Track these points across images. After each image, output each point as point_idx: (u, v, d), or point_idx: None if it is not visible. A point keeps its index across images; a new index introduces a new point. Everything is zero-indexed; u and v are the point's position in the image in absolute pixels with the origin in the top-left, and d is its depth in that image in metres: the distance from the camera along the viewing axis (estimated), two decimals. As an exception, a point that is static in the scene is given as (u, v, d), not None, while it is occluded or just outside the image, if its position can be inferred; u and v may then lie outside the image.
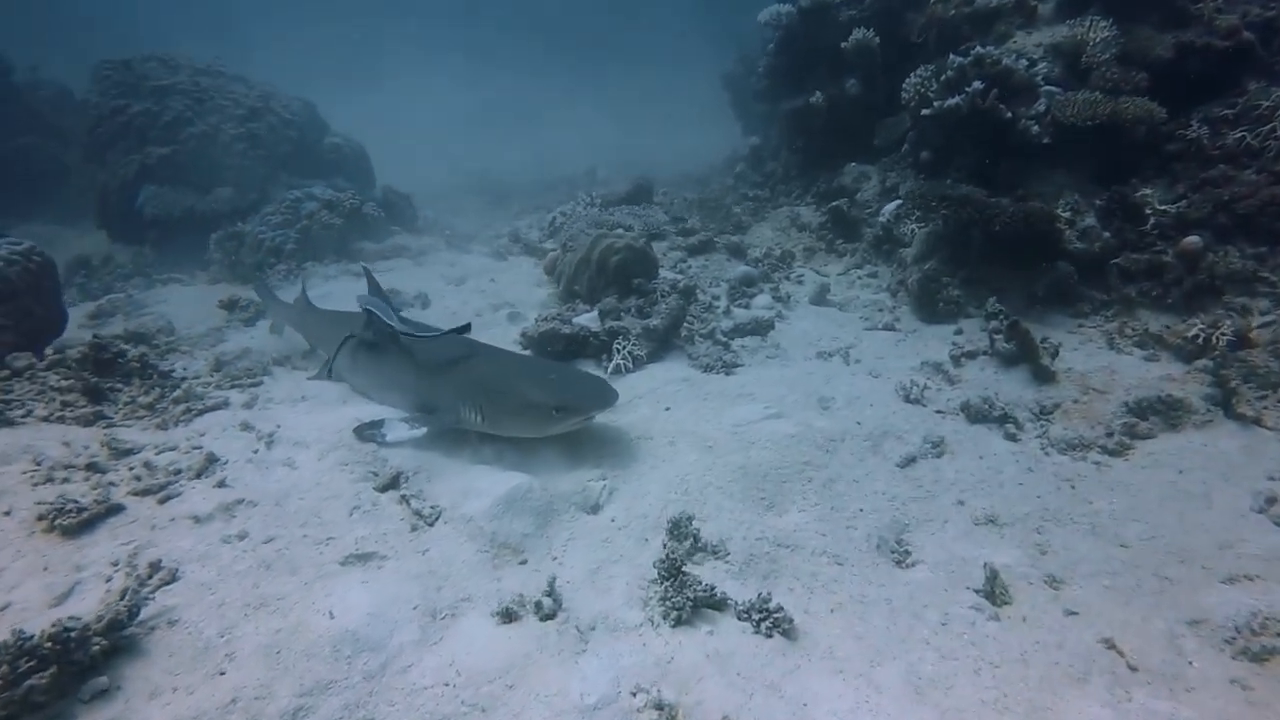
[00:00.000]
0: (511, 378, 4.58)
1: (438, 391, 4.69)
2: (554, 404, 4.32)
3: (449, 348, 4.91)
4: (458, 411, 4.53)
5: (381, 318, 4.96)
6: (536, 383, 4.48)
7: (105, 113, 10.46)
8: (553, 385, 4.48)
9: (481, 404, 4.46)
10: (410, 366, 4.93)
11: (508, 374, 4.63)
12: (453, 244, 10.14)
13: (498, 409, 4.46)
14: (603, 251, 6.67)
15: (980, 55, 7.01)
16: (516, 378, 4.57)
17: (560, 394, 4.40)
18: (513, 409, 4.43)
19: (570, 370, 5.14)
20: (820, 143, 9.79)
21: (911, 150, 8.28)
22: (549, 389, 4.42)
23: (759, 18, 9.82)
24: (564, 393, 4.43)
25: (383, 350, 5.07)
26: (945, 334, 6.27)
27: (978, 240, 6.50)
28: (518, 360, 4.92)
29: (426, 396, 4.75)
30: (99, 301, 8.34)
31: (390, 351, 5.04)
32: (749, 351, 6.01)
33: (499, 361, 4.84)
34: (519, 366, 4.78)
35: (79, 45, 17.58)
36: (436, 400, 4.67)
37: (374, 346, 5.14)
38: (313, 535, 3.63)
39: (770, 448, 4.45)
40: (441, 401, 4.64)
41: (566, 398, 4.39)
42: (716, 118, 17.23)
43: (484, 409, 4.46)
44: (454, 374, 4.70)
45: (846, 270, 7.90)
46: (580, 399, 4.45)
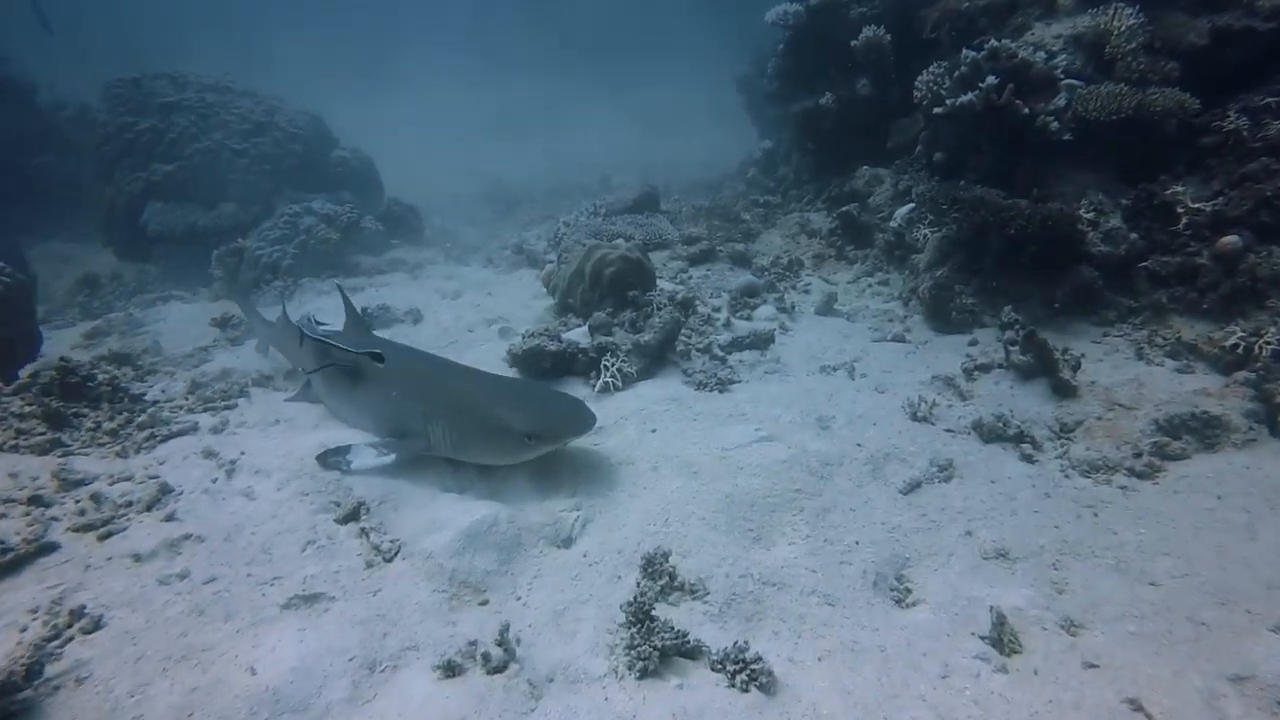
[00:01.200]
0: (482, 400, 4.29)
1: (407, 415, 4.44)
2: (526, 431, 4.03)
3: (419, 368, 4.67)
4: (427, 436, 4.27)
5: (308, 334, 4.87)
6: (508, 406, 4.19)
7: (113, 130, 10.48)
8: (526, 409, 4.19)
9: (451, 428, 4.20)
10: (380, 389, 4.68)
11: (478, 396, 4.34)
12: (452, 256, 9.94)
13: (467, 434, 4.20)
14: (596, 263, 6.39)
15: (995, 48, 6.61)
16: (487, 401, 4.28)
17: (533, 419, 4.10)
18: (482, 434, 4.17)
19: (546, 391, 4.84)
20: (831, 145, 9.42)
21: (925, 151, 7.88)
22: (521, 413, 4.13)
23: (766, 17, 9.51)
24: (537, 418, 4.13)
25: (354, 372, 4.84)
26: (959, 345, 5.87)
27: (994, 245, 6.09)
28: (491, 381, 4.63)
29: (396, 420, 4.50)
30: (97, 321, 8.27)
31: (361, 373, 4.81)
32: (747, 367, 5.67)
33: (471, 382, 4.56)
34: (491, 388, 4.49)
35: (86, 51, 17.74)
36: (406, 424, 4.42)
37: (347, 368, 4.91)
38: (258, 574, 3.38)
39: (759, 474, 4.11)
40: (411, 425, 4.39)
41: (539, 424, 4.09)
42: (735, 122, 16.90)
43: (453, 434, 4.20)
44: (423, 396, 4.44)
45: (856, 278, 7.52)
46: (554, 425, 4.15)
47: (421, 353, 5.13)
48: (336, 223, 9.08)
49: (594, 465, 4.37)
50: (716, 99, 20.10)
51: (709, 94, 21.05)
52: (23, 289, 5.37)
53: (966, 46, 6.92)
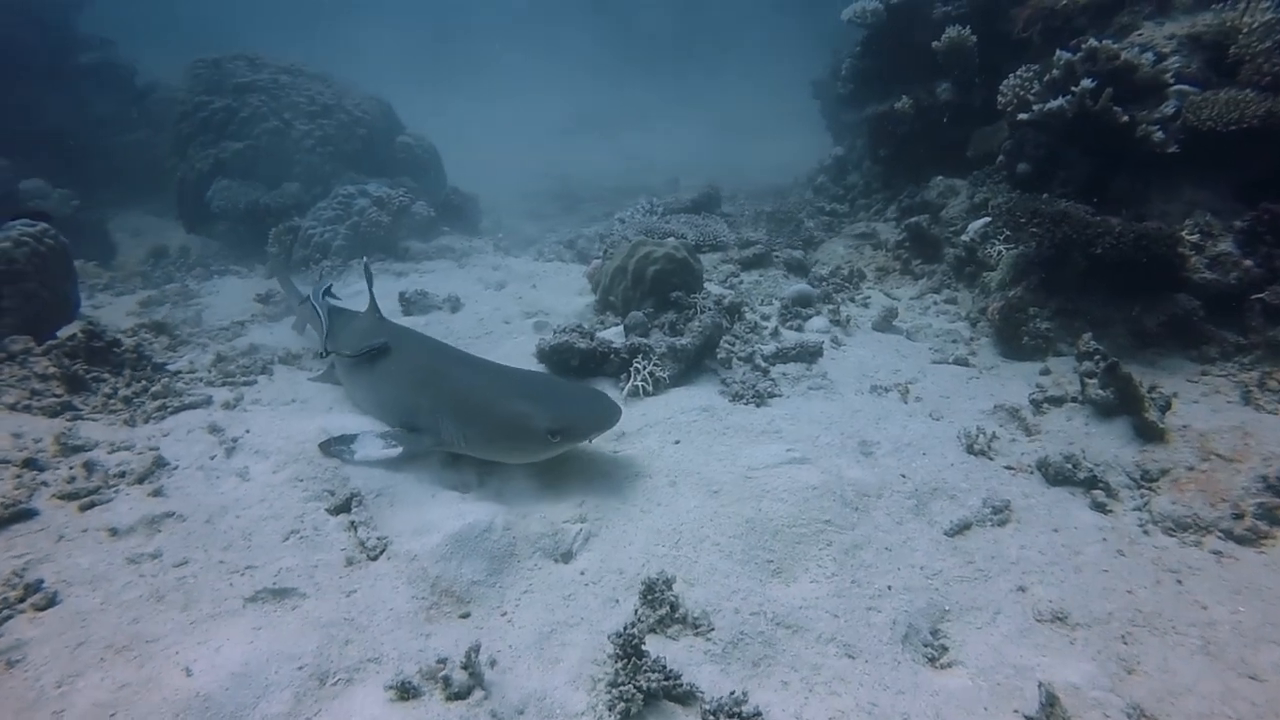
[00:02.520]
0: (498, 395, 3.99)
1: (419, 407, 4.19)
2: (549, 427, 3.71)
3: (431, 360, 4.43)
4: (438, 432, 4.00)
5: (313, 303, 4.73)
6: (528, 400, 3.87)
7: (189, 108, 10.77)
8: (546, 403, 3.86)
9: (465, 424, 3.92)
10: (393, 377, 4.46)
11: (494, 391, 4.05)
12: (501, 247, 9.79)
13: (483, 430, 3.90)
14: (639, 260, 6.06)
15: (1094, 49, 5.98)
16: (504, 395, 3.98)
17: (556, 415, 3.76)
18: (500, 431, 3.86)
19: (568, 386, 4.52)
20: (905, 153, 8.85)
21: (1007, 162, 7.25)
22: (542, 408, 3.80)
23: (843, 15, 9.00)
24: (560, 413, 3.79)
25: (370, 359, 4.62)
26: (1028, 374, 5.29)
27: (1077, 265, 5.48)
28: (508, 375, 4.33)
29: (406, 413, 4.25)
30: (154, 291, 8.43)
31: (377, 361, 4.59)
32: (790, 380, 5.23)
33: (486, 376, 4.27)
34: (508, 382, 4.19)
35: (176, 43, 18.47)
36: (415, 418, 4.17)
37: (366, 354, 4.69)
38: (231, 562, 3.17)
39: (786, 499, 3.69)
40: (422, 419, 4.14)
41: (563, 419, 3.76)
42: (814, 127, 16.35)
43: (467, 429, 3.91)
44: (436, 388, 4.18)
45: (921, 294, 6.96)
46: (578, 420, 3.83)
47: (437, 343, 4.89)
48: (388, 206, 9.04)
49: (607, 474, 4.03)
50: (795, 103, 19.54)
51: (789, 97, 20.45)
52: (62, 253, 5.40)
53: (1061, 48, 6.30)
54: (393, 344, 4.60)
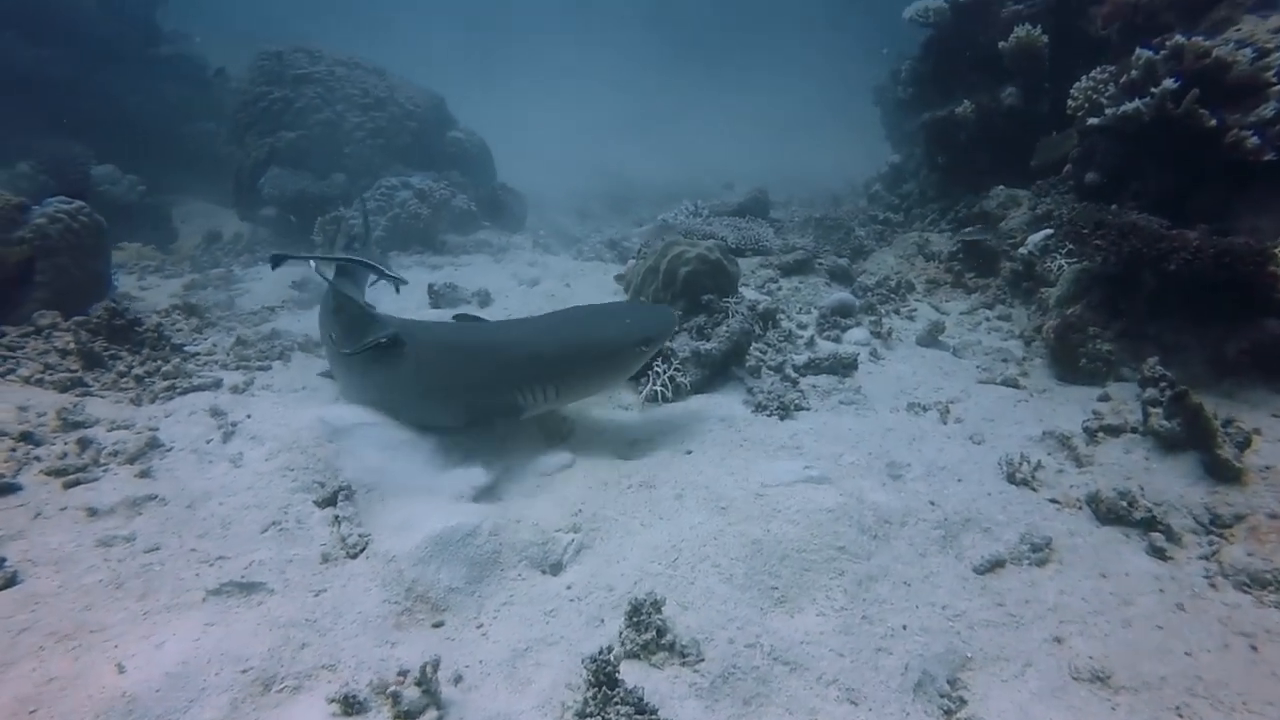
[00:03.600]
0: (572, 335, 4.09)
1: (480, 395, 4.04)
2: (638, 339, 4.00)
3: (476, 339, 4.33)
4: (514, 400, 3.98)
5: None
6: (601, 328, 4.10)
7: (250, 98, 11.02)
8: (620, 323, 4.09)
9: (554, 379, 3.97)
10: (438, 375, 4.20)
11: (563, 335, 4.10)
12: (540, 244, 9.66)
13: (576, 374, 4.03)
14: (671, 261, 5.80)
15: (1179, 46, 5.47)
16: (577, 333, 4.11)
17: (636, 328, 4.04)
18: (595, 365, 4.05)
19: (606, 308, 4.59)
20: (965, 160, 8.38)
21: (1074, 172, 6.74)
22: (622, 328, 4.04)
23: (904, 14, 8.58)
24: (637, 325, 4.07)
25: (390, 361, 4.22)
26: (1084, 399, 4.83)
27: (1146, 282, 4.99)
28: (554, 321, 4.34)
29: (470, 405, 4.06)
30: (199, 274, 8.57)
31: (399, 362, 4.21)
32: (820, 393, 4.89)
33: (540, 330, 4.26)
34: (564, 324, 4.25)
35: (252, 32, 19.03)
36: (490, 399, 4.03)
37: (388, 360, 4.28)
38: (204, 551, 3.04)
39: (799, 522, 3.38)
40: (488, 403, 4.02)
41: (645, 329, 4.05)
42: (878, 135, 15.82)
43: (560, 382, 3.98)
44: (506, 363, 4.06)
45: (973, 309, 6.50)
46: (654, 325, 4.13)
47: (455, 326, 4.71)
48: (429, 199, 9.01)
49: (609, 482, 3.79)
50: (860, 107, 19.03)
51: (854, 101, 19.88)
52: (96, 231, 5.46)
53: (1141, 44, 5.80)
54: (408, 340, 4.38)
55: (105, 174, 11.22)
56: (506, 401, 4.00)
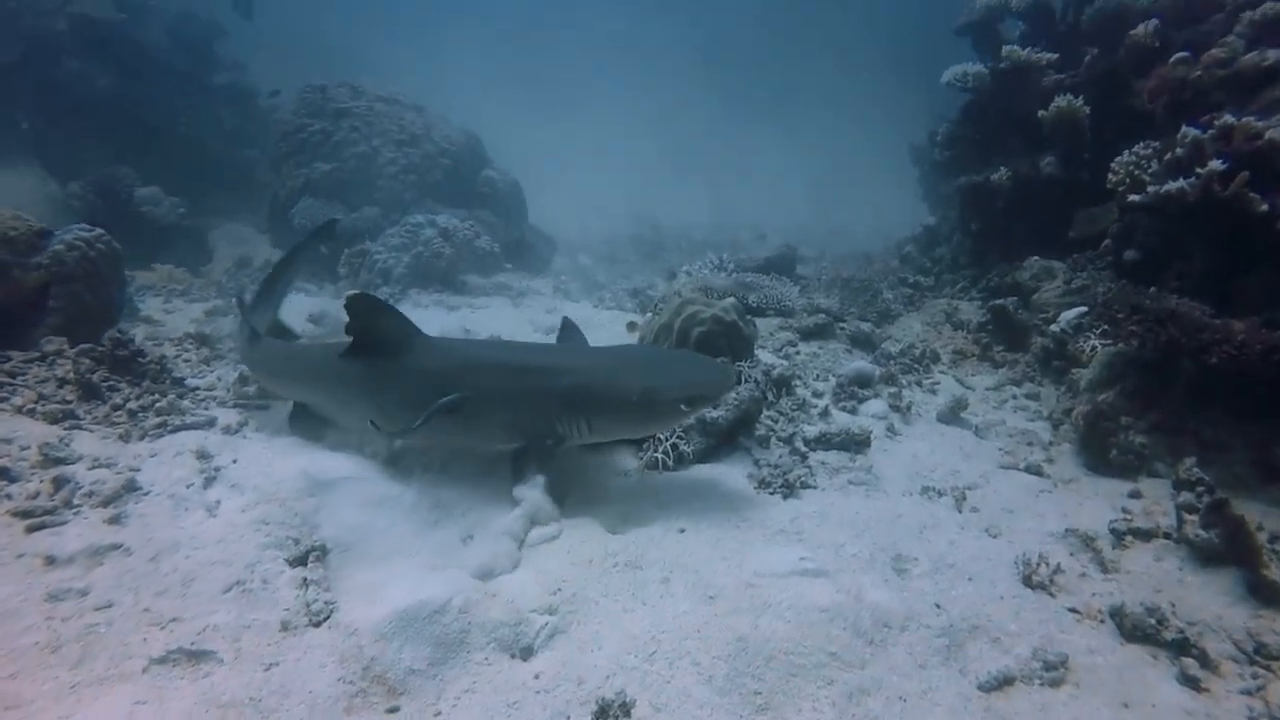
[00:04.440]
0: (617, 374, 3.98)
1: (520, 416, 3.99)
2: (681, 397, 3.86)
3: (502, 361, 4.24)
4: (554, 431, 3.94)
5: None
6: (649, 374, 3.96)
7: (291, 129, 11.28)
8: (670, 375, 3.98)
9: (590, 413, 3.92)
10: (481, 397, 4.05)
11: (609, 372, 4.03)
12: (560, 290, 9.60)
13: (613, 414, 3.95)
14: (685, 320, 5.65)
15: (1229, 126, 5.24)
16: (623, 373, 3.99)
17: (684, 385, 3.90)
18: (633, 411, 3.90)
19: (665, 354, 4.68)
20: (1000, 228, 8.15)
21: (1114, 247, 6.49)
22: (669, 380, 3.91)
23: (943, 78, 8.47)
24: (687, 381, 3.94)
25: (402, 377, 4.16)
26: (1114, 494, 4.52)
27: (1187, 372, 4.69)
28: (607, 355, 4.36)
29: (508, 426, 4.03)
30: (222, 300, 8.65)
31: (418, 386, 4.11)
32: (829, 471, 4.65)
33: (590, 360, 4.23)
34: (616, 361, 4.23)
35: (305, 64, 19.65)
36: (521, 428, 4.00)
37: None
38: (158, 611, 2.91)
39: (789, 619, 3.14)
40: (527, 427, 3.98)
41: (692, 388, 3.90)
42: (916, 194, 15.61)
43: (594, 418, 3.93)
44: (539, 391, 3.97)
45: (999, 385, 6.22)
46: (707, 385, 3.98)
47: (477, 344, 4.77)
48: (453, 239, 9.04)
49: (595, 559, 3.58)
50: (901, 163, 18.97)
51: (896, 156, 19.85)
52: (113, 259, 5.51)
53: (1188, 123, 5.57)
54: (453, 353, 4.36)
55: (148, 195, 11.50)
56: (547, 427, 3.93)
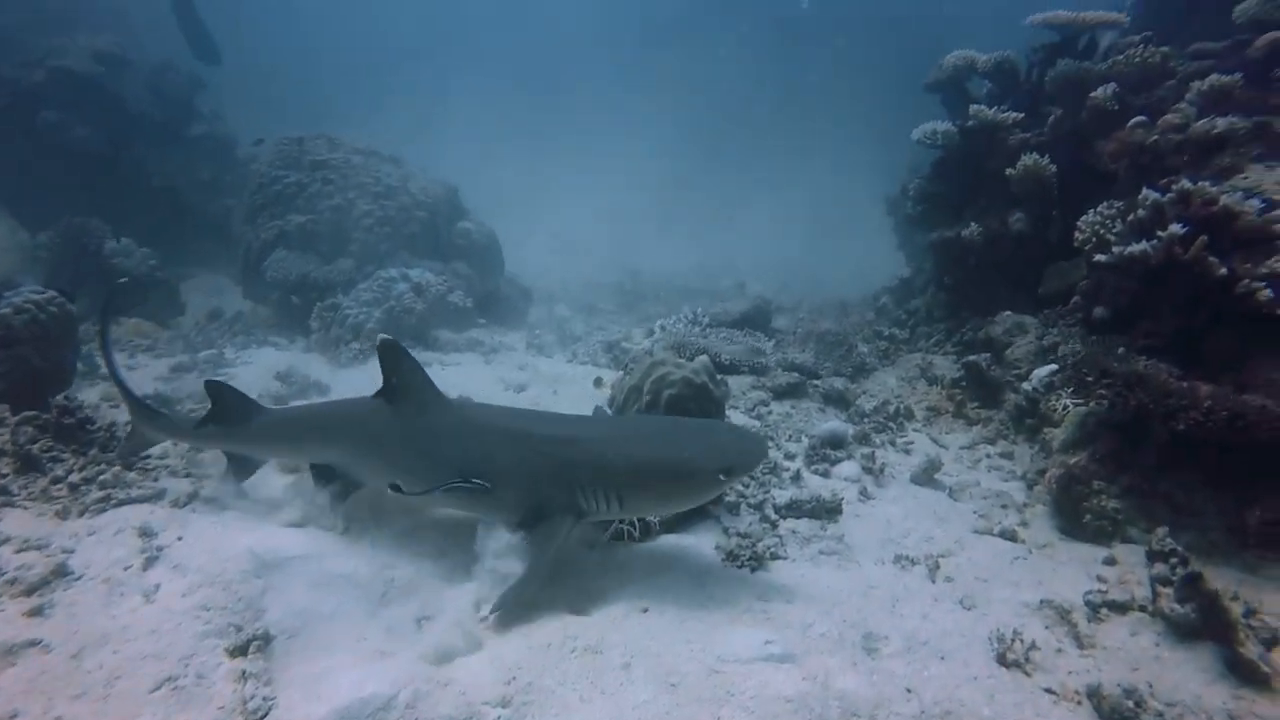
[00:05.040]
0: (649, 445, 3.84)
1: (541, 489, 3.81)
2: (719, 468, 3.66)
3: (519, 431, 4.06)
4: (576, 505, 3.75)
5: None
6: (683, 444, 3.80)
7: (266, 180, 11.24)
8: (702, 442, 3.83)
9: (621, 487, 3.71)
10: (502, 463, 3.88)
11: (641, 442, 3.88)
12: (534, 345, 9.50)
13: (643, 485, 3.75)
14: (655, 382, 5.55)
15: (1186, 191, 5.32)
16: (655, 444, 3.85)
17: (721, 455, 3.72)
18: (666, 485, 3.75)
19: (694, 424, 4.47)
20: (973, 283, 8.22)
21: (1084, 304, 6.53)
22: (704, 451, 3.73)
23: (912, 135, 8.62)
24: (723, 450, 3.76)
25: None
26: (1088, 559, 4.44)
27: (1158, 435, 4.65)
28: (633, 425, 4.38)
29: (527, 499, 3.83)
30: (191, 356, 8.48)
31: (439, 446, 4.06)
32: (800, 540, 4.53)
33: (616, 430, 4.14)
34: (644, 431, 4.10)
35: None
36: (546, 498, 3.79)
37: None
38: (71, 718, 2.71)
39: (753, 710, 2.99)
40: (548, 500, 3.78)
41: (729, 457, 3.72)
42: (892, 243, 15.75)
43: (624, 492, 3.72)
44: (562, 465, 3.79)
45: (973, 444, 6.17)
46: (743, 454, 3.82)
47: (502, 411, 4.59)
48: (426, 294, 8.95)
49: (554, 643, 3.42)
50: (880, 213, 19.26)
51: (875, 205, 20.23)
52: (66, 321, 5.36)
53: (1149, 185, 5.66)
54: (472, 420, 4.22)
55: (120, 248, 11.37)
56: (567, 501, 3.75)
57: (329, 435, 4.44)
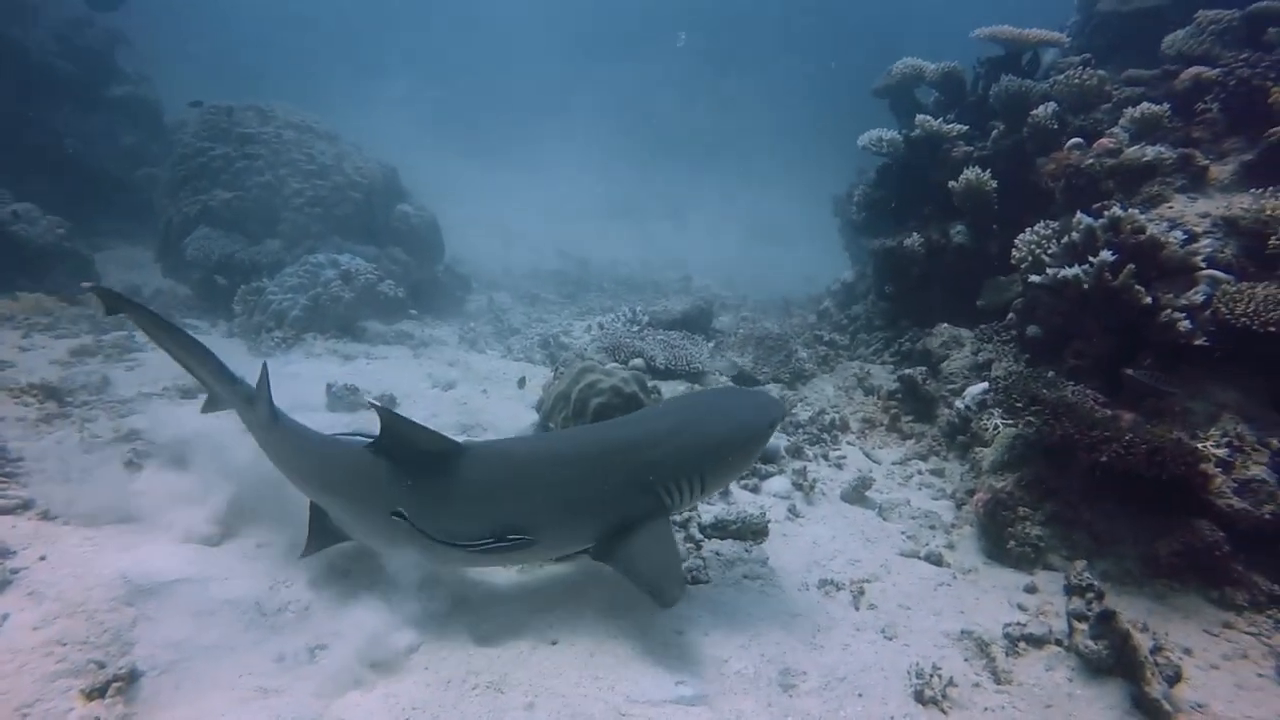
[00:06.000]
0: (707, 424, 3.82)
1: (618, 501, 3.54)
2: (769, 420, 3.96)
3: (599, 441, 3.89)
4: (662, 504, 3.59)
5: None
6: (731, 413, 3.94)
7: (190, 152, 10.58)
8: (740, 408, 4.02)
9: (697, 469, 3.64)
10: (550, 490, 3.57)
11: (698, 424, 3.81)
12: (466, 339, 9.17)
13: (720, 459, 3.79)
14: (583, 389, 5.37)
15: (1117, 218, 5.35)
16: (710, 421, 3.85)
17: (760, 409, 4.00)
18: (736, 451, 3.87)
19: (713, 395, 5.08)
20: (913, 293, 8.23)
21: (1018, 321, 6.57)
22: (746, 411, 3.96)
23: (859, 141, 8.57)
24: (759, 406, 4.06)
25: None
26: (1011, 586, 4.43)
27: (1081, 464, 4.67)
28: (673, 412, 4.10)
29: (603, 516, 3.55)
30: (97, 338, 7.90)
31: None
32: (722, 564, 4.40)
33: (665, 423, 3.86)
34: (690, 414, 3.96)
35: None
36: (622, 513, 3.53)
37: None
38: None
39: (659, 761, 2.84)
40: (629, 509, 3.53)
41: (773, 410, 4.06)
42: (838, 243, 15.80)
43: (705, 474, 3.69)
44: (631, 467, 3.58)
45: (905, 459, 6.16)
46: (773, 405, 4.17)
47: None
48: (354, 282, 8.53)
49: (454, 680, 3.22)
50: (828, 211, 19.34)
51: (823, 204, 20.33)
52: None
53: (1083, 210, 5.69)
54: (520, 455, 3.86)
55: (21, 212, 10.53)
56: (654, 504, 3.57)
57: (337, 479, 3.77)
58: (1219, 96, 6.43)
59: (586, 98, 39.27)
